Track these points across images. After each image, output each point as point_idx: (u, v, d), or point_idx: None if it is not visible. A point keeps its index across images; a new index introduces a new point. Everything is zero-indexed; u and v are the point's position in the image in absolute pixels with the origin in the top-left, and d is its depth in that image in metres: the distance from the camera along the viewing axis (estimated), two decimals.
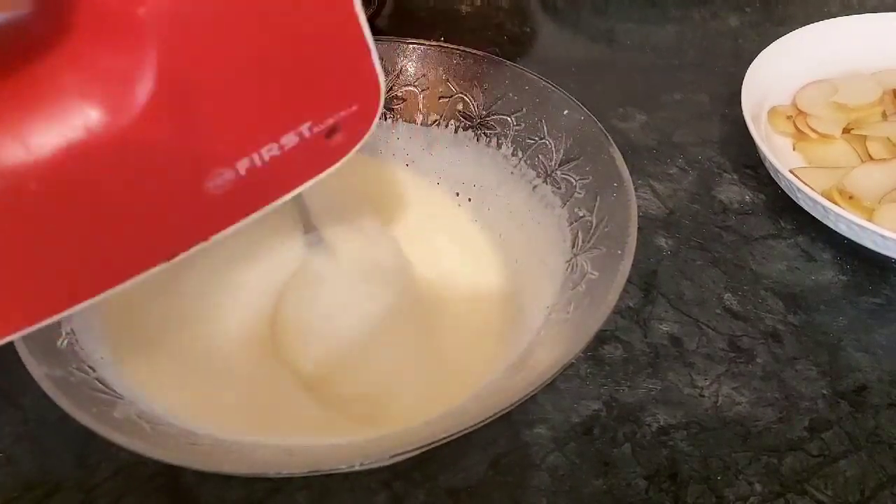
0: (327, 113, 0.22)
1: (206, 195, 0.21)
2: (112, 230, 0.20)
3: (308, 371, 0.31)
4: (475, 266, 0.35)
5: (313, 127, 0.22)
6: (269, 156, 0.21)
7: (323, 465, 0.25)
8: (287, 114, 0.21)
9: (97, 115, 0.18)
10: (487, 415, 0.24)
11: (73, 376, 0.27)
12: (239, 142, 0.21)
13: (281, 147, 0.22)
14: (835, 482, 0.31)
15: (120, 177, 0.20)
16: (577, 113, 0.35)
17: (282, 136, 0.21)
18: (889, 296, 0.38)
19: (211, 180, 0.21)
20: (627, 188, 0.31)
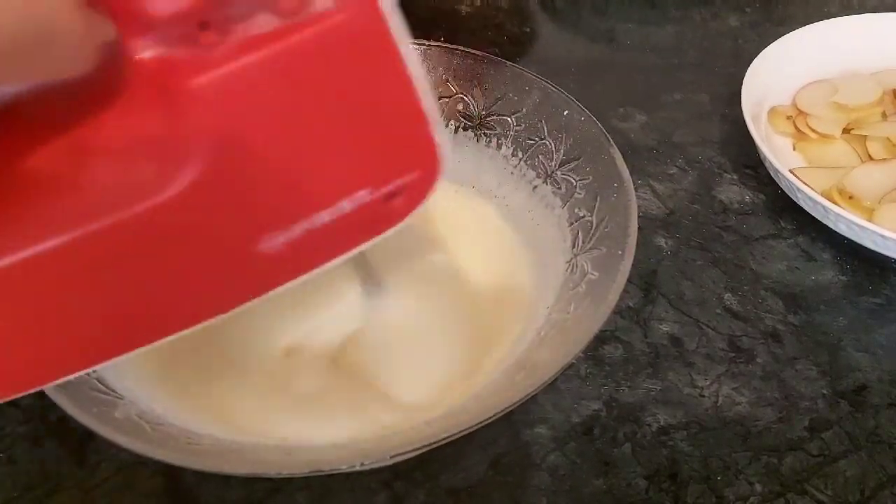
0: (384, 180, 0.22)
1: (258, 256, 0.21)
2: (162, 287, 0.21)
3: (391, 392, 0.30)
4: (475, 266, 0.35)
5: (371, 194, 0.22)
6: (324, 220, 0.22)
7: (323, 465, 0.25)
8: (343, 181, 0.22)
9: (149, 181, 0.19)
10: (487, 415, 0.24)
11: None
12: (292, 207, 0.21)
13: (336, 212, 0.22)
14: (835, 482, 0.31)
15: (166, 239, 0.20)
16: (578, 113, 0.35)
17: (337, 202, 0.22)
18: (889, 296, 0.38)
19: (263, 243, 0.21)
20: (627, 188, 0.31)
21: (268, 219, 0.21)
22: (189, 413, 0.29)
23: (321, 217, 0.22)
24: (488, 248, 0.36)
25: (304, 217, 0.21)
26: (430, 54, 0.39)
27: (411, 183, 0.23)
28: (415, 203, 0.23)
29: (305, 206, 0.21)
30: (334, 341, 0.32)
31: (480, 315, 0.33)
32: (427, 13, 0.62)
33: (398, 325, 0.32)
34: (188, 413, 0.29)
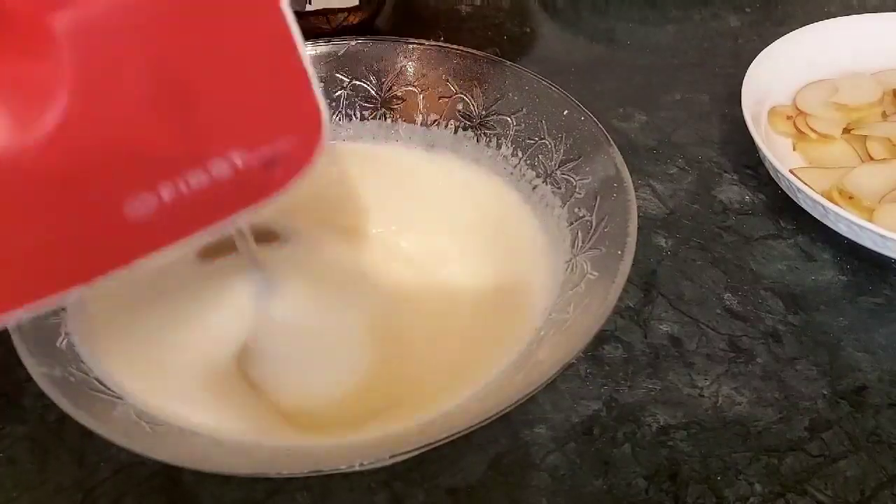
0: (262, 142, 0.21)
1: (126, 219, 0.20)
2: (24, 248, 0.19)
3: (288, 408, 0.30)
4: (475, 266, 0.35)
5: (246, 156, 0.21)
6: (196, 182, 0.20)
7: (323, 465, 0.25)
8: (214, 140, 0.20)
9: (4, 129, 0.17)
10: (487, 415, 0.24)
11: (73, 376, 0.27)
12: (160, 166, 0.20)
13: (209, 174, 0.20)
14: (835, 482, 0.31)
15: (26, 193, 0.18)
16: (577, 113, 0.35)
17: (208, 162, 0.20)
18: (889, 296, 0.38)
19: (130, 204, 0.20)
20: (627, 188, 0.31)
21: (135, 177, 0.19)
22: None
23: (193, 178, 0.20)
24: (488, 248, 0.36)
25: (174, 176, 0.20)
26: (429, 54, 0.39)
27: (292, 150, 0.21)
28: (295, 172, 0.22)
29: (175, 163, 0.20)
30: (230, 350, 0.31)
31: (480, 316, 0.33)
32: (427, 13, 0.62)
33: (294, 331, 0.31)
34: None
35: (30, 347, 0.26)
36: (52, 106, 0.18)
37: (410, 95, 0.40)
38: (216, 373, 0.30)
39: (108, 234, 0.20)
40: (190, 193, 0.20)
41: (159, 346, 0.31)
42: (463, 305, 0.34)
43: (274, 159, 0.21)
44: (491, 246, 0.36)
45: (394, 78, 0.40)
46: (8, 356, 0.26)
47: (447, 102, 0.39)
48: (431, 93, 0.39)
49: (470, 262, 0.36)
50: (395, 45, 0.39)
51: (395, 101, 0.40)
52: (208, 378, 0.30)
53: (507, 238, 0.36)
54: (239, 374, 0.30)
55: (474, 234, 0.37)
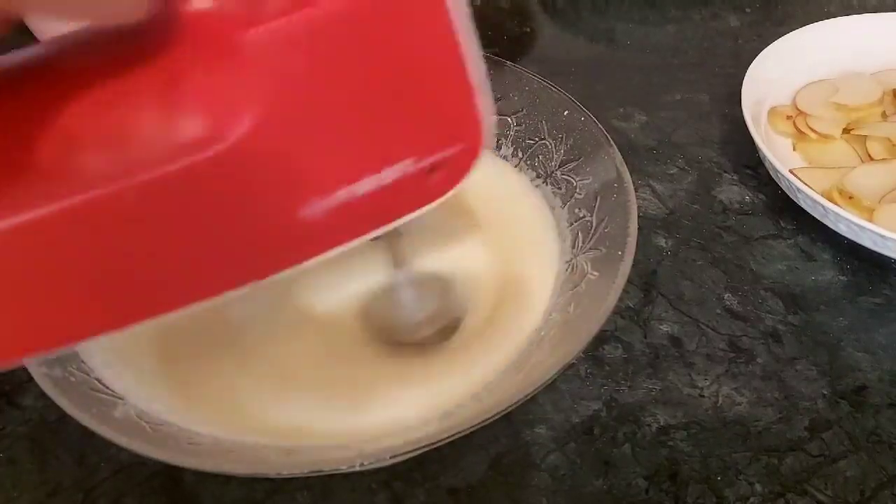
0: (429, 151, 0.22)
1: (300, 222, 0.21)
2: (199, 248, 0.20)
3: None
4: (475, 266, 0.35)
5: (414, 164, 0.22)
6: (366, 188, 0.21)
7: (323, 466, 0.25)
8: (387, 148, 0.21)
9: (197, 136, 0.18)
10: (488, 415, 0.24)
11: (73, 376, 0.27)
12: (336, 172, 0.21)
13: (379, 181, 0.21)
14: (835, 482, 0.31)
15: (212, 195, 0.19)
16: (578, 114, 0.35)
17: (380, 170, 0.21)
18: (889, 296, 0.38)
19: (305, 208, 0.21)
20: (627, 189, 0.31)
21: (310, 183, 0.21)
22: (189, 409, 0.29)
23: (363, 185, 0.21)
24: (488, 248, 0.36)
25: (346, 183, 0.21)
26: None
27: (454, 156, 0.22)
28: (456, 178, 0.23)
29: (348, 172, 0.21)
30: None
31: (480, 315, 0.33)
32: None
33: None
34: (188, 410, 0.29)
35: None
36: (242, 115, 0.19)
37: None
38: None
39: (283, 234, 0.21)
40: (360, 199, 0.21)
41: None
42: (459, 305, 0.34)
43: (437, 166, 0.22)
44: (492, 245, 0.36)
45: None
46: None
47: None
48: None
49: (469, 261, 0.36)
50: None
51: None
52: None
53: (507, 238, 0.36)
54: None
55: (474, 233, 0.37)
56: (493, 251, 0.36)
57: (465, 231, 0.37)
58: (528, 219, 0.36)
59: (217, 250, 0.21)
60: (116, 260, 0.19)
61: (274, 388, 0.30)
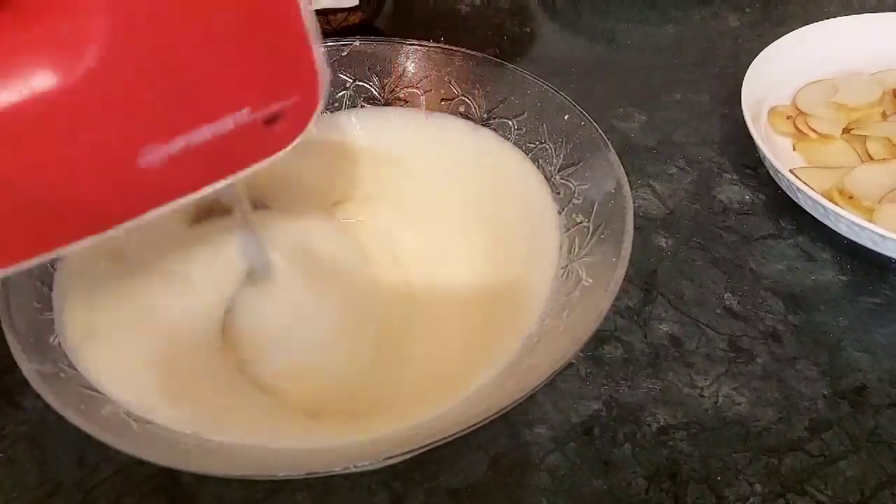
0: (265, 100, 0.22)
1: (139, 170, 0.21)
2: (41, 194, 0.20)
3: (266, 381, 0.30)
4: (472, 268, 0.35)
5: (251, 113, 0.22)
6: (204, 137, 0.21)
7: (317, 468, 0.24)
8: (223, 96, 0.22)
9: (40, 75, 0.18)
10: (483, 416, 0.24)
11: (64, 373, 0.27)
12: (173, 119, 0.21)
13: (217, 129, 0.22)
14: (835, 482, 0.31)
15: (49, 138, 0.19)
16: (578, 118, 0.35)
17: (218, 118, 0.21)
18: (889, 296, 0.38)
19: (143, 155, 0.21)
20: (625, 195, 0.31)
21: (149, 128, 0.21)
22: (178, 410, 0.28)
23: (201, 132, 0.21)
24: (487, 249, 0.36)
25: (184, 129, 0.21)
26: (432, 55, 0.39)
27: (292, 107, 0.23)
28: (296, 130, 0.23)
29: (187, 118, 0.21)
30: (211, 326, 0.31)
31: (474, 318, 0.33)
32: (427, 13, 0.62)
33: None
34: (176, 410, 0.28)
35: (21, 343, 0.26)
36: (84, 55, 0.19)
37: (413, 97, 0.40)
38: (199, 339, 0.31)
39: (122, 183, 0.21)
40: (199, 146, 0.21)
41: (142, 308, 0.31)
42: (457, 307, 0.34)
43: (275, 116, 0.22)
44: (489, 248, 0.36)
45: (396, 79, 0.40)
46: (8, 356, 0.26)
47: (449, 104, 0.39)
48: (434, 94, 0.39)
49: (466, 263, 0.36)
50: (398, 46, 0.39)
51: (397, 102, 0.40)
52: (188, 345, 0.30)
53: (504, 241, 0.36)
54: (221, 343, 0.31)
55: (471, 235, 0.37)
56: (490, 254, 0.36)
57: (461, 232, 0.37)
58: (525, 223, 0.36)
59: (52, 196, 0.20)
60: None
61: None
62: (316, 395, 0.31)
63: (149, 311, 0.31)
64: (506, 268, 0.35)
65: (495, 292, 0.34)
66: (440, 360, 0.32)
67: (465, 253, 0.36)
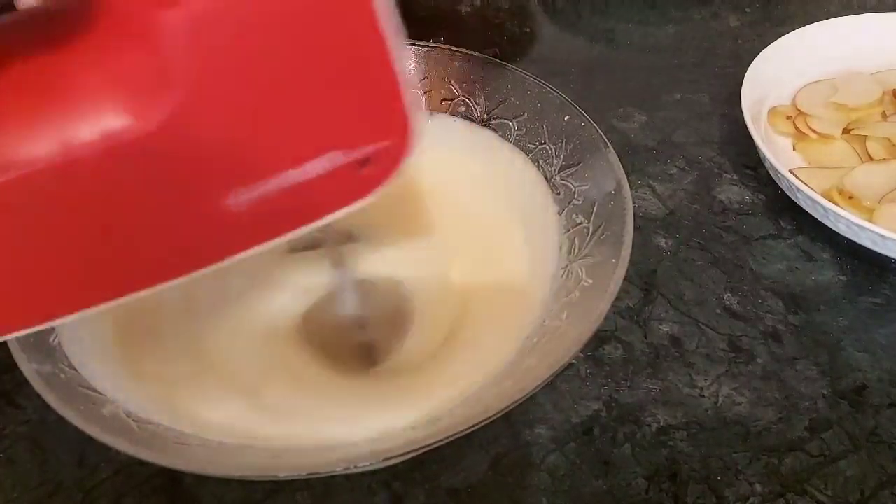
0: (355, 144, 0.22)
1: (226, 214, 0.21)
2: (124, 236, 0.20)
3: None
4: (471, 268, 0.35)
5: (341, 157, 0.21)
6: (294, 180, 0.21)
7: (317, 468, 0.24)
8: (312, 140, 0.21)
9: (118, 118, 0.18)
10: (484, 416, 0.24)
11: (63, 373, 0.27)
12: (261, 162, 0.21)
13: (305, 173, 0.21)
14: (835, 482, 0.31)
15: (133, 182, 0.19)
16: (578, 118, 0.35)
17: (306, 162, 0.21)
18: (889, 296, 0.38)
19: (230, 199, 0.20)
20: (625, 196, 0.31)
21: (236, 171, 0.20)
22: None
23: (290, 176, 0.21)
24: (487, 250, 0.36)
25: (273, 173, 0.21)
26: (432, 56, 0.39)
27: (384, 151, 0.22)
28: (386, 174, 0.22)
29: (275, 161, 0.21)
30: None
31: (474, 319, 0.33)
32: (427, 13, 0.62)
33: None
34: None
35: (21, 343, 0.26)
36: (162, 98, 0.18)
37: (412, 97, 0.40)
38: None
39: (209, 227, 0.21)
40: (288, 191, 0.21)
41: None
42: (457, 307, 0.34)
43: (366, 161, 0.22)
44: (489, 249, 0.36)
45: None
46: (8, 356, 0.26)
47: (449, 105, 0.39)
48: (434, 95, 0.39)
49: (466, 264, 0.36)
50: None
51: None
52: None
53: (504, 241, 0.36)
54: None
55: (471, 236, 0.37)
56: (489, 254, 0.36)
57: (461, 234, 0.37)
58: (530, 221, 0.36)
59: (136, 241, 0.20)
60: (34, 247, 0.19)
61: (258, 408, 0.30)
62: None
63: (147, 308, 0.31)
64: (506, 268, 0.35)
65: (495, 292, 0.34)
66: (440, 361, 0.32)
67: (464, 253, 0.36)
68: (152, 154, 0.19)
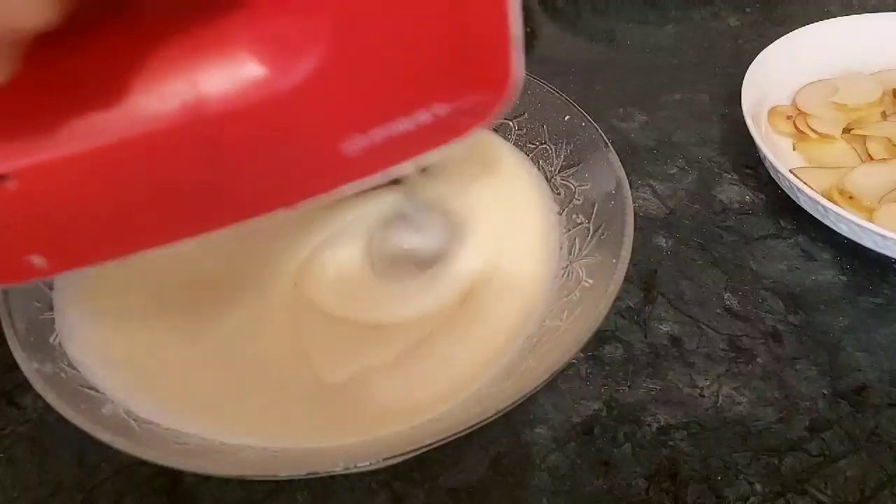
0: (463, 95, 0.23)
1: (340, 156, 0.23)
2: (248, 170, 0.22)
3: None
4: (471, 268, 0.35)
5: (448, 107, 0.23)
6: (404, 128, 0.23)
7: (317, 468, 0.24)
8: (427, 91, 0.22)
9: (261, 73, 0.20)
10: (484, 417, 0.24)
11: (64, 373, 0.27)
12: (378, 112, 0.22)
13: (416, 121, 0.23)
14: (835, 482, 0.31)
15: (267, 129, 0.21)
16: (578, 118, 0.35)
17: (418, 110, 0.23)
18: (889, 296, 0.38)
19: (345, 144, 0.22)
20: (625, 196, 0.31)
21: (353, 122, 0.22)
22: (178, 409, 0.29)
23: (399, 125, 0.23)
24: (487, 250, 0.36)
25: (385, 122, 0.22)
26: None
27: (485, 101, 0.23)
28: (483, 119, 0.24)
29: (391, 112, 0.22)
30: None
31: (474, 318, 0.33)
32: None
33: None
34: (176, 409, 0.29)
35: (22, 342, 0.26)
36: (305, 59, 0.20)
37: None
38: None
39: (323, 167, 0.23)
40: (395, 137, 0.23)
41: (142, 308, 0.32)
42: (456, 307, 0.34)
43: (468, 110, 0.23)
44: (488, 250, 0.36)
45: None
46: (8, 356, 0.26)
47: None
48: None
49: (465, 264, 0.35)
50: None
51: None
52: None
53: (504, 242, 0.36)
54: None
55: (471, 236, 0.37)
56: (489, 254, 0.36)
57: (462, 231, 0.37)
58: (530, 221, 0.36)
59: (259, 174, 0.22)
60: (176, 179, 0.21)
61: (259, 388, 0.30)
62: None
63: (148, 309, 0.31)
64: (506, 268, 0.35)
65: (495, 292, 0.34)
66: (440, 361, 0.32)
67: (464, 253, 0.36)
68: (285, 106, 0.20)
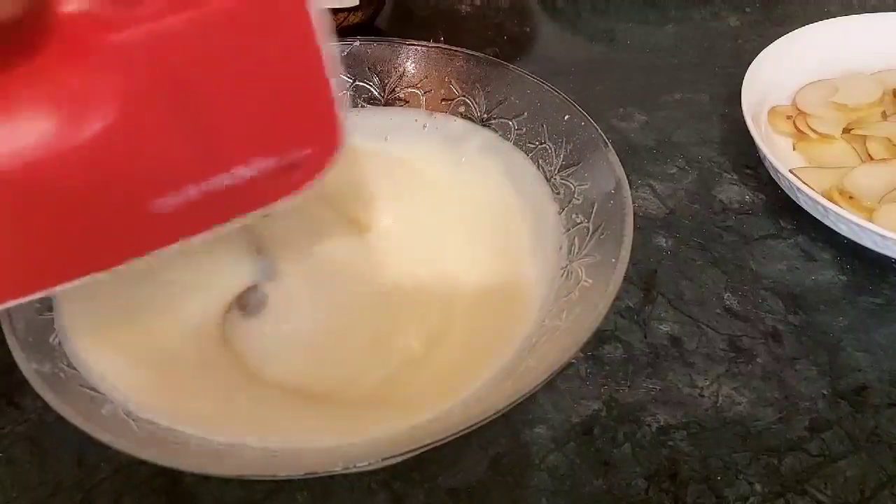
0: (285, 151, 0.22)
1: (152, 213, 0.22)
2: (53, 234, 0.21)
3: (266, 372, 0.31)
4: (471, 268, 0.35)
5: (267, 162, 0.22)
6: (219, 184, 0.22)
7: (316, 468, 0.24)
8: (244, 146, 0.22)
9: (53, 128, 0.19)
10: (483, 416, 0.24)
11: (63, 373, 0.27)
12: (191, 168, 0.21)
13: (233, 177, 0.22)
14: (835, 482, 0.31)
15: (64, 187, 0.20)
16: (578, 118, 0.35)
17: (237, 166, 0.22)
18: (889, 296, 0.38)
19: (157, 200, 0.21)
20: (625, 196, 0.31)
21: (163, 178, 0.21)
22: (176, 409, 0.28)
23: (218, 180, 0.22)
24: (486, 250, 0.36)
25: (201, 179, 0.22)
26: (432, 56, 0.39)
27: (311, 156, 0.23)
28: (311, 177, 0.23)
29: (205, 168, 0.22)
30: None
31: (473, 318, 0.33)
32: (427, 13, 0.62)
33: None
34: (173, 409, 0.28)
35: (21, 342, 0.26)
36: (98, 113, 0.19)
37: (413, 97, 0.40)
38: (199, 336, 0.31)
39: (134, 225, 0.22)
40: (212, 193, 0.22)
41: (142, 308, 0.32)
42: (456, 307, 0.34)
43: (293, 165, 0.23)
44: (488, 249, 0.36)
45: (396, 79, 0.40)
46: (7, 356, 0.26)
47: (450, 105, 0.39)
48: (434, 94, 0.39)
49: (466, 263, 0.36)
50: (398, 46, 0.39)
51: (398, 102, 0.40)
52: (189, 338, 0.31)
53: (504, 241, 0.36)
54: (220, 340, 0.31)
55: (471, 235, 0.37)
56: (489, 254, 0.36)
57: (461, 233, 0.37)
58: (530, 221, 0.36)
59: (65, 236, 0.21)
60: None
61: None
62: (313, 383, 0.31)
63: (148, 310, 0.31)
64: (505, 268, 0.35)
65: (495, 292, 0.34)
66: (439, 361, 0.32)
67: (464, 253, 0.36)
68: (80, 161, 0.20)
